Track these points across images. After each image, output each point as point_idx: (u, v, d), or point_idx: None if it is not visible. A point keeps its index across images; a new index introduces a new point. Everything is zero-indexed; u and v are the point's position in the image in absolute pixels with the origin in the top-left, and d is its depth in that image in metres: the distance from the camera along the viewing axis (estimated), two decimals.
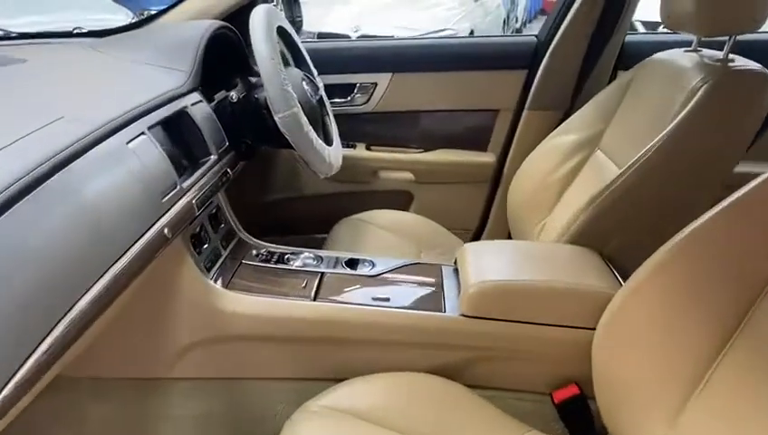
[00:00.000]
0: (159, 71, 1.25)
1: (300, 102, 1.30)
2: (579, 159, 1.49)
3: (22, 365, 0.63)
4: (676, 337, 0.88)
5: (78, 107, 0.93)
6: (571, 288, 1.06)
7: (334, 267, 1.22)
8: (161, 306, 1.06)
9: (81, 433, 1.13)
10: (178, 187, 1.01)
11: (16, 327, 0.62)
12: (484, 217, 1.90)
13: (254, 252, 1.25)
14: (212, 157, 1.19)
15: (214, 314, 1.06)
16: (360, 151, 1.87)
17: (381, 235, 1.64)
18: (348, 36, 5.48)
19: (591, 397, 1.03)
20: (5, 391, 0.61)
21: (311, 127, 1.30)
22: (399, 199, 1.90)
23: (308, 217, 1.91)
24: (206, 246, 1.14)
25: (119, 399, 1.11)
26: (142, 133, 0.97)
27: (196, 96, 1.23)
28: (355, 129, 1.87)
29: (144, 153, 0.94)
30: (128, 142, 0.92)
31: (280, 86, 1.21)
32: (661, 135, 1.15)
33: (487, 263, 1.14)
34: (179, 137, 1.14)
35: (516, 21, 9.99)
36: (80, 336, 0.75)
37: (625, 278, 1.12)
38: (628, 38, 1.78)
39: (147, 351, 1.09)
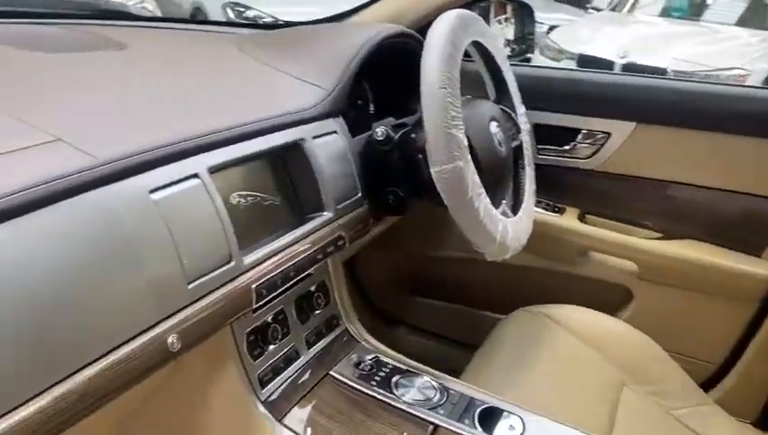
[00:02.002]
0: (293, 84, 0.93)
1: (476, 151, 0.90)
2: None
3: None
4: None
5: (102, 127, 0.63)
6: None
7: (459, 418, 0.78)
8: (185, 418, 0.73)
9: None
10: (233, 263, 0.66)
11: None
12: (738, 351, 1.29)
13: (355, 357, 0.86)
14: (324, 214, 0.83)
15: None
16: (569, 220, 1.38)
17: (569, 344, 1.15)
18: (611, 62, 4.84)
19: None
20: None
21: (482, 190, 0.88)
22: (611, 297, 1.37)
23: (484, 287, 1.47)
24: (272, 346, 0.78)
25: None
26: (194, 176, 0.65)
27: (329, 124, 0.89)
28: (568, 188, 1.39)
29: (179, 208, 0.62)
30: (152, 191, 0.60)
31: (443, 128, 0.82)
32: None
33: None
34: (282, 180, 0.81)
35: None
36: None
37: None
38: None
39: None
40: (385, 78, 1.16)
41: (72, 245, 0.52)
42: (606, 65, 4.87)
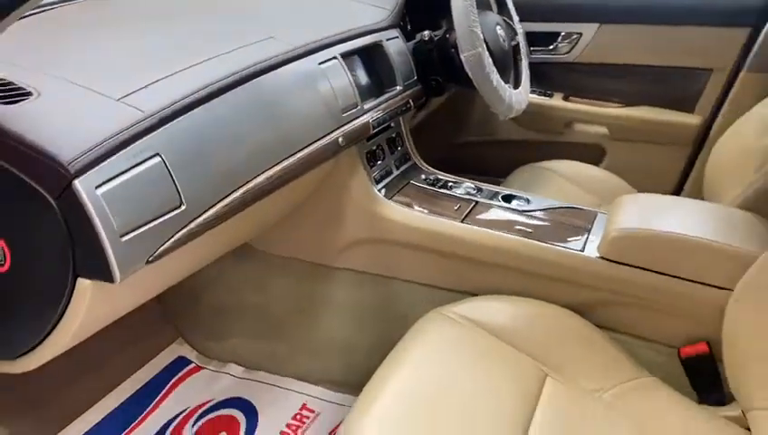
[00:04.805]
0: (364, 7, 1.43)
1: (488, 45, 1.39)
2: None
3: (214, 205, 0.85)
4: None
5: (285, 30, 1.14)
6: (714, 245, 1.03)
7: (491, 199, 1.32)
8: (336, 204, 1.27)
9: (268, 298, 1.42)
10: (359, 107, 1.19)
11: (208, 185, 0.85)
12: (681, 182, 1.81)
13: (423, 176, 1.40)
14: (397, 87, 1.35)
15: (375, 218, 1.25)
16: (557, 101, 1.89)
17: (561, 184, 1.67)
18: None
19: (721, 360, 1.01)
20: (212, 212, 0.84)
21: (494, 69, 1.38)
22: (591, 154, 1.89)
23: (496, 160, 1.99)
24: (379, 162, 1.32)
25: (296, 276, 1.37)
26: (334, 58, 1.16)
27: (393, 33, 1.40)
28: (555, 78, 1.89)
29: (333, 74, 1.13)
30: (320, 63, 1.12)
31: (468, 27, 1.31)
32: None
33: (640, 212, 1.14)
34: (371, 66, 1.32)
35: None
36: (254, 202, 0.95)
37: None
38: None
39: (321, 239, 1.32)
40: (416, 4, 1.65)
41: (286, 92, 1.02)
42: None
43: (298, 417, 1.32)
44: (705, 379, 1.08)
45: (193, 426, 1.29)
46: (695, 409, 1.01)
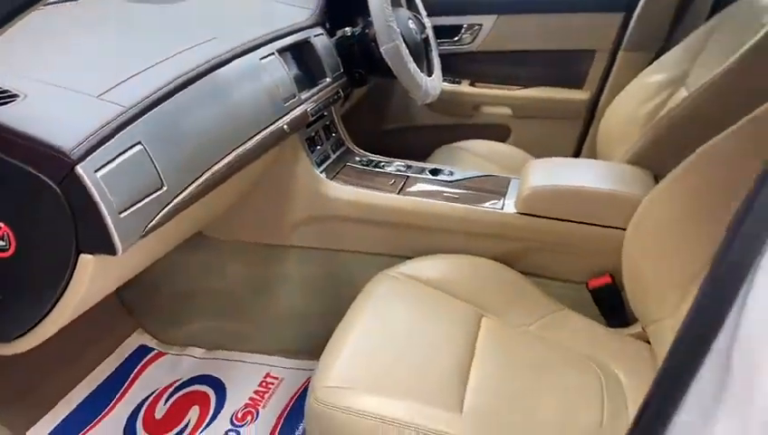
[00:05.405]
0: (290, 9, 1.56)
1: (404, 38, 1.55)
2: (664, 97, 1.61)
3: (188, 186, 0.96)
4: (688, 238, 1.04)
5: (226, 31, 1.26)
6: (608, 193, 1.24)
7: (420, 174, 1.49)
8: (283, 188, 1.40)
9: (223, 282, 1.52)
10: (297, 97, 1.32)
11: (182, 169, 0.96)
12: (577, 150, 2.06)
13: (358, 158, 1.55)
14: (327, 79, 1.48)
15: (320, 197, 1.39)
16: (464, 87, 2.09)
17: (476, 161, 1.86)
18: None
19: (623, 288, 1.22)
20: (187, 192, 0.95)
21: (411, 58, 1.54)
22: (498, 132, 2.11)
23: (416, 144, 2.16)
24: (318, 147, 1.46)
25: (250, 259, 1.49)
26: (272, 54, 1.29)
27: (318, 30, 1.54)
28: (461, 66, 2.09)
29: (273, 68, 1.26)
30: (261, 59, 1.24)
31: (385, 22, 1.47)
32: (720, 69, 1.25)
33: (546, 172, 1.34)
34: (302, 61, 1.45)
35: None
36: (218, 185, 1.06)
37: None
38: None
39: (272, 222, 1.44)
40: (333, 4, 1.79)
41: (236, 85, 1.14)
42: None
43: (263, 384, 1.44)
44: (610, 305, 1.29)
45: (165, 404, 1.38)
46: (604, 331, 1.21)
